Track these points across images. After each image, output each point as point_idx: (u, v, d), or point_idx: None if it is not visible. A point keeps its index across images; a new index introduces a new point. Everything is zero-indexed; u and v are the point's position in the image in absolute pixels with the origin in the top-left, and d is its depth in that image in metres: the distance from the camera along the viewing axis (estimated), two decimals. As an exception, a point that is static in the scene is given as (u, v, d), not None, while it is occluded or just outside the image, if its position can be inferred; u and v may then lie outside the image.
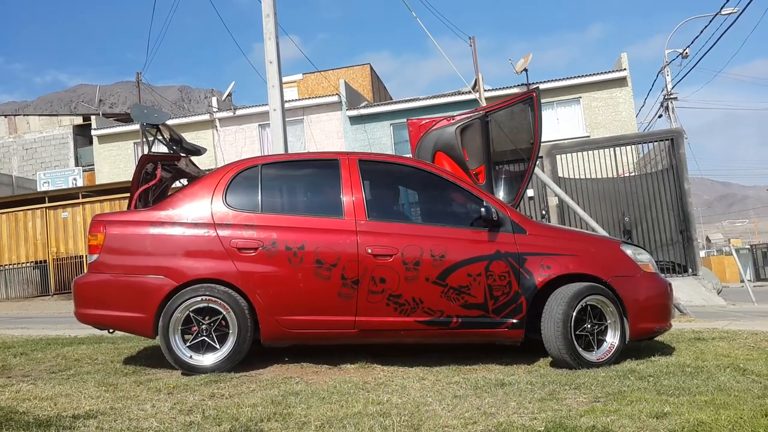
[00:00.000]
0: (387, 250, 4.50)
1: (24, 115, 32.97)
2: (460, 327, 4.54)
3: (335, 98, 24.51)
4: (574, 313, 4.39)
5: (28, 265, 17.63)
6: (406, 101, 25.01)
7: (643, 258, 4.86)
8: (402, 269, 4.47)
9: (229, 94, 28.58)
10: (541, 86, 20.60)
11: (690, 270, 11.32)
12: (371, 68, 30.50)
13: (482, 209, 4.61)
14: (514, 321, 4.51)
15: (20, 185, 27.27)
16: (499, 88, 23.28)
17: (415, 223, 5.02)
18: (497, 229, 4.64)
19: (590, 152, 11.91)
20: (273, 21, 10.23)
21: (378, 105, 25.68)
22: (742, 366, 4.16)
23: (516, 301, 4.53)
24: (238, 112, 25.49)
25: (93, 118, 28.55)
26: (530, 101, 5.88)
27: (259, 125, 25.09)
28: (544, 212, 11.75)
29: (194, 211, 4.67)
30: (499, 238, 4.62)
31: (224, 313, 4.45)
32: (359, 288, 4.48)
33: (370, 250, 4.49)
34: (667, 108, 25.99)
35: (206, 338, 4.46)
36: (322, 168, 5.10)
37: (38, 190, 24.92)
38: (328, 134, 24.57)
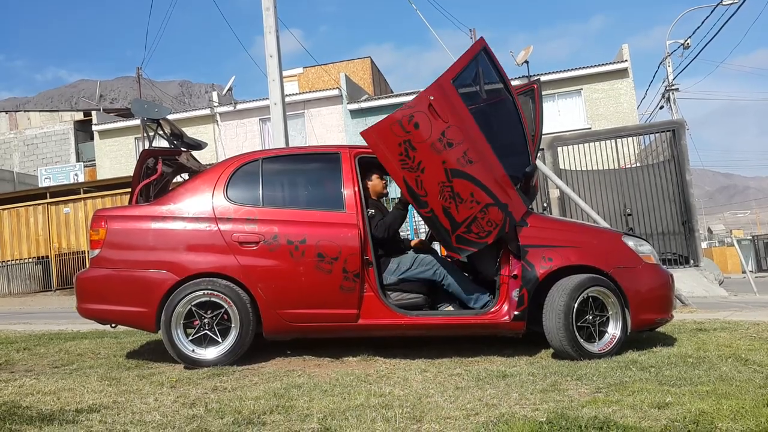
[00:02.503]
0: None
1: (25, 111, 33.00)
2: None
3: (336, 92, 24.45)
4: (576, 305, 4.39)
5: (30, 260, 17.65)
6: (408, 94, 24.92)
7: (644, 249, 4.85)
8: None
9: (230, 89, 28.56)
10: (543, 78, 20.52)
11: (692, 261, 11.30)
12: (372, 61, 30.42)
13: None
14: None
15: (21, 181, 27.30)
16: (500, 81, 23.15)
17: None
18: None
19: (592, 144, 11.87)
20: (273, 14, 10.21)
21: (379, 98, 25.61)
22: (744, 356, 4.16)
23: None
24: (239, 107, 25.44)
25: (94, 113, 28.57)
26: (531, 93, 5.85)
27: (259, 119, 25.06)
28: (545, 204, 11.74)
29: (195, 206, 4.67)
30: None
31: (226, 306, 4.46)
32: None
33: None
34: (668, 99, 25.93)
35: (208, 332, 4.47)
36: (323, 162, 5.09)
37: (40, 185, 24.93)
38: (329, 128, 24.53)
